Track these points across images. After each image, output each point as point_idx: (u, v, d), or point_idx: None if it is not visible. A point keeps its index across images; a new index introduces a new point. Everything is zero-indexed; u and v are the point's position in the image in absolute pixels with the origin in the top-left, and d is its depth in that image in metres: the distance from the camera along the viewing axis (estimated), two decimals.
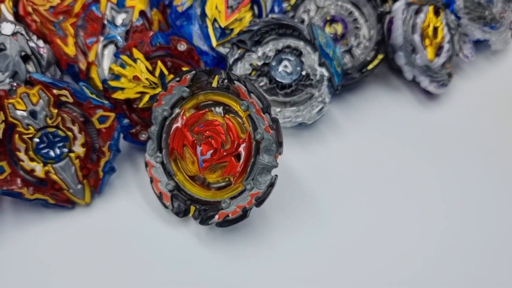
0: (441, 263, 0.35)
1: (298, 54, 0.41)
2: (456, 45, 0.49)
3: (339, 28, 0.46)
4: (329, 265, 0.34)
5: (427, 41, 0.46)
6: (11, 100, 0.34)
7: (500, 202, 0.42)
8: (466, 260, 0.36)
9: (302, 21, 0.46)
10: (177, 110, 0.35)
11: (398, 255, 0.35)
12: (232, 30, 0.45)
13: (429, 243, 0.37)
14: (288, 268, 0.35)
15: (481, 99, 0.52)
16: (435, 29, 0.47)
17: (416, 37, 0.45)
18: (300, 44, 0.41)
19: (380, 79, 0.51)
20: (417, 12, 0.47)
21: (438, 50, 0.47)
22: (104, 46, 0.42)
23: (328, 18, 0.47)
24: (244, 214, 0.31)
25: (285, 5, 0.48)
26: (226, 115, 0.33)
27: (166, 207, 0.35)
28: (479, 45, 0.53)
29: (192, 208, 0.35)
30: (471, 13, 0.51)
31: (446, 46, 0.47)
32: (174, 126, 0.35)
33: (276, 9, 0.47)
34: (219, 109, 0.34)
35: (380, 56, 0.46)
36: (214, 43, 0.44)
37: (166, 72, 0.39)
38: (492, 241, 0.38)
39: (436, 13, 0.47)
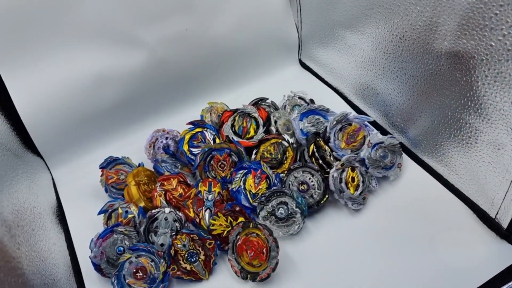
0: None
1: (286, 203, 0.76)
2: (366, 182, 0.79)
3: (305, 186, 0.77)
4: None
5: (349, 185, 0.78)
6: (175, 241, 0.75)
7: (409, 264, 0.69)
8: None
9: (289, 186, 0.79)
10: (238, 237, 0.72)
11: None
12: (258, 194, 0.78)
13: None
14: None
15: (386, 207, 0.78)
16: (353, 178, 0.78)
17: (343, 185, 0.77)
18: (287, 199, 0.76)
19: (331, 204, 0.79)
20: (342, 171, 0.79)
21: (357, 187, 0.78)
22: (205, 211, 0.75)
23: (300, 182, 0.79)
24: (269, 276, 0.69)
25: (282, 175, 0.82)
26: (257, 237, 0.73)
27: (238, 276, 0.72)
28: (384, 178, 0.81)
29: (249, 275, 0.71)
30: (373, 165, 0.81)
31: (361, 185, 0.78)
32: (238, 243, 0.72)
33: (277, 179, 0.81)
34: (254, 235, 0.72)
35: (327, 196, 0.77)
36: (250, 201, 0.78)
37: (233, 220, 0.76)
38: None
39: (353, 170, 0.78)
